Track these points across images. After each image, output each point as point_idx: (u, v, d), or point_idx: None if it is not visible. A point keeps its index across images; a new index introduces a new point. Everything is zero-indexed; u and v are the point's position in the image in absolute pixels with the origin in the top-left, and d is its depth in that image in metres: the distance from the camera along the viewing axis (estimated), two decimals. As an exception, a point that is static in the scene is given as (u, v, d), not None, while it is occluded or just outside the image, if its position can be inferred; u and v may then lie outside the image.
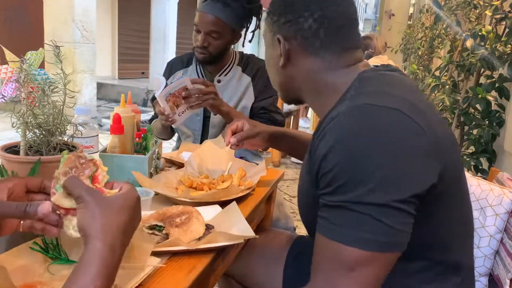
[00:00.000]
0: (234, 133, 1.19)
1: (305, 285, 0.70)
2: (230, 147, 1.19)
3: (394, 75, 0.80)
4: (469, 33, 2.37)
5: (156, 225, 0.87)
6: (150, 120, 1.83)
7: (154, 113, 1.83)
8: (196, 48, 1.63)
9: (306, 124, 6.72)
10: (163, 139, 1.80)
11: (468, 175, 1.23)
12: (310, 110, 6.22)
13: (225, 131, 1.67)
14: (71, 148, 0.95)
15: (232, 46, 1.73)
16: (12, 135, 0.93)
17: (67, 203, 0.57)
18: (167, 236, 0.86)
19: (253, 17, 1.66)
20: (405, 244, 0.65)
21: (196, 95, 1.44)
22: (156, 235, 0.86)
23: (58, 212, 0.58)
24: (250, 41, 1.71)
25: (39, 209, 0.57)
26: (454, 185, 0.74)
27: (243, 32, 1.67)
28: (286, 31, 0.83)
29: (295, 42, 0.82)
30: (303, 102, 0.94)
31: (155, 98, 1.80)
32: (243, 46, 1.76)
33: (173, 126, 1.51)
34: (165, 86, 1.44)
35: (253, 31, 1.69)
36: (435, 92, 2.70)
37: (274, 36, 0.85)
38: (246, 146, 1.21)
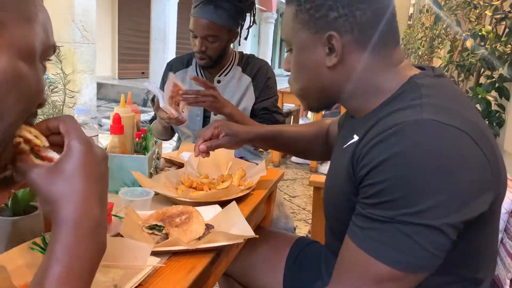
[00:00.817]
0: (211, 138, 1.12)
1: (319, 280, 0.71)
2: (197, 155, 1.11)
3: (447, 83, 0.77)
4: (469, 33, 2.37)
5: (156, 225, 0.87)
6: (150, 121, 1.83)
7: (154, 114, 1.83)
8: (196, 53, 1.64)
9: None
10: (164, 140, 1.80)
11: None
12: (310, 110, 6.21)
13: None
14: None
15: (232, 46, 1.73)
16: (12, 135, 0.93)
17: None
18: (167, 236, 0.86)
19: (247, 14, 1.66)
20: (436, 266, 0.64)
21: (193, 96, 1.45)
22: (156, 235, 0.86)
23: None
24: (245, 39, 1.70)
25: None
26: (498, 209, 0.73)
27: (239, 30, 1.67)
28: (339, 26, 0.74)
29: (350, 37, 0.74)
30: (331, 107, 0.89)
31: (152, 103, 1.81)
32: (239, 44, 1.76)
33: (185, 122, 1.51)
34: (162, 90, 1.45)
35: (248, 28, 1.69)
36: (435, 92, 2.69)
37: (317, 34, 0.76)
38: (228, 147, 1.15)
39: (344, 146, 0.81)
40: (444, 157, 0.61)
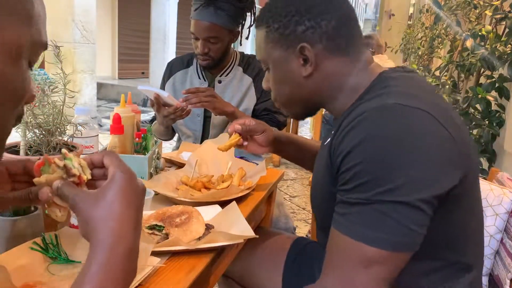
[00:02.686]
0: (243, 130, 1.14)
1: (317, 279, 0.71)
2: (232, 133, 1.12)
3: (416, 77, 0.81)
4: (469, 33, 2.37)
5: (156, 225, 0.87)
6: (151, 121, 1.83)
7: (155, 114, 1.83)
8: (198, 55, 1.64)
9: (306, 124, 6.72)
10: (165, 140, 1.80)
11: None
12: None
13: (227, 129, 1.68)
14: (71, 148, 0.95)
15: (233, 46, 1.73)
16: (12, 135, 0.93)
17: (59, 202, 0.57)
18: (167, 236, 0.86)
19: (247, 13, 1.66)
20: (419, 244, 0.66)
21: (196, 97, 1.46)
22: (156, 235, 0.86)
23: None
24: (247, 38, 1.71)
25: (40, 196, 0.57)
26: (471, 189, 0.75)
27: (240, 29, 1.68)
28: (309, 37, 0.80)
29: (320, 46, 0.80)
30: (316, 112, 0.93)
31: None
32: (240, 44, 1.76)
33: (187, 114, 1.52)
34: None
35: (249, 27, 1.69)
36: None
37: (289, 49, 0.82)
38: (247, 147, 1.16)
39: (325, 143, 0.85)
40: (409, 136, 0.65)
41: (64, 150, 0.59)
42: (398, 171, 0.63)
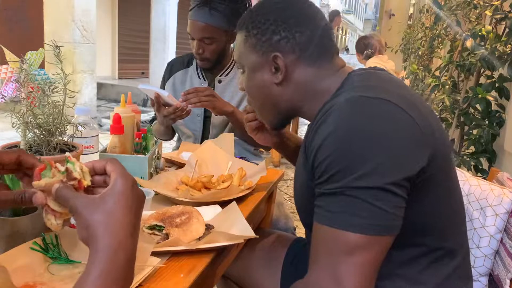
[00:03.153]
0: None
1: (305, 275, 0.71)
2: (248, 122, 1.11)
3: (382, 73, 0.85)
4: (469, 33, 2.37)
5: (156, 225, 0.87)
6: (151, 121, 1.83)
7: (155, 114, 1.83)
8: (195, 56, 1.64)
9: (306, 126, 6.72)
10: (165, 140, 1.80)
11: (468, 175, 1.23)
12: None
13: (227, 129, 1.68)
14: (71, 148, 0.95)
15: (232, 46, 1.73)
16: (12, 135, 0.93)
17: (57, 208, 0.57)
18: (167, 236, 0.86)
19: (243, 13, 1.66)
20: (399, 226, 0.68)
21: (195, 97, 1.47)
22: (156, 235, 0.86)
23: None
24: None
25: (34, 200, 0.57)
26: (443, 171, 0.77)
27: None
28: (282, 47, 0.84)
29: (293, 56, 0.84)
30: (290, 120, 0.96)
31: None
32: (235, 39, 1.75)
33: (187, 114, 1.52)
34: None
35: None
36: (435, 92, 2.70)
37: (264, 56, 0.86)
38: (257, 137, 1.14)
39: (303, 145, 0.86)
40: (372, 124, 0.68)
41: (68, 154, 0.59)
42: (366, 158, 0.66)
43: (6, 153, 0.62)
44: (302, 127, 6.34)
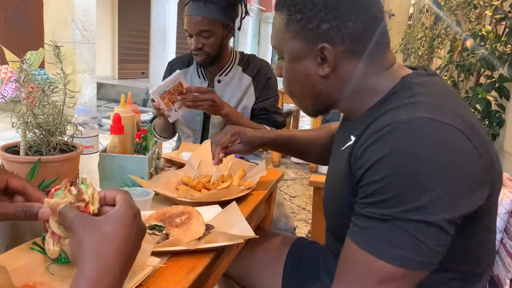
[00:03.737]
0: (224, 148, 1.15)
1: (318, 282, 0.71)
2: (217, 163, 1.15)
3: (440, 82, 0.79)
4: (469, 33, 2.37)
5: (156, 225, 0.87)
6: (151, 120, 1.83)
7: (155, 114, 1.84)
8: (193, 52, 1.64)
9: (306, 125, 6.72)
10: (165, 138, 1.81)
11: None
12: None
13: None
14: (71, 148, 0.95)
15: (232, 46, 1.73)
16: (12, 135, 0.93)
17: (56, 229, 0.57)
18: (167, 236, 0.86)
19: (239, 6, 1.66)
20: (437, 263, 0.65)
21: (192, 100, 1.48)
22: (156, 235, 0.86)
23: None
24: (239, 29, 1.71)
25: (40, 215, 0.58)
26: (494, 205, 0.74)
27: (236, 25, 1.68)
28: (331, 37, 0.74)
29: (342, 48, 0.75)
30: (329, 111, 0.90)
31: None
32: (233, 36, 1.75)
33: (170, 120, 1.55)
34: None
35: (241, 19, 1.70)
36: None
37: (309, 45, 0.76)
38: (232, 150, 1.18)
39: (342, 148, 0.81)
40: (437, 153, 0.62)
41: (85, 177, 0.60)
42: (424, 189, 0.61)
43: (14, 179, 0.63)
44: (302, 128, 6.34)
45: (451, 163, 0.62)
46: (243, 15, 1.70)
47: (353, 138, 0.77)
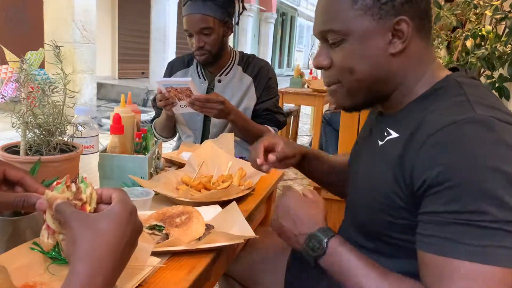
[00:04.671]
0: (266, 150, 1.00)
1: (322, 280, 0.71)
2: (265, 170, 0.99)
3: (483, 85, 0.78)
4: (469, 33, 2.37)
5: (156, 225, 0.87)
6: (151, 120, 1.83)
7: (155, 114, 1.84)
8: (195, 52, 1.65)
9: (306, 124, 6.71)
10: (165, 138, 1.81)
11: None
12: (309, 108, 6.21)
13: (227, 129, 1.68)
14: (71, 148, 0.95)
15: (232, 46, 1.73)
16: (12, 135, 0.93)
17: (50, 223, 0.57)
18: (167, 236, 0.86)
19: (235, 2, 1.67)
20: None
21: (200, 106, 1.48)
22: (156, 235, 0.86)
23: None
24: (237, 24, 1.71)
25: (37, 206, 0.58)
26: None
27: (233, 22, 1.68)
28: (407, 11, 0.72)
29: (413, 24, 0.73)
30: (372, 107, 0.87)
31: (154, 102, 1.82)
32: (232, 32, 1.76)
33: (174, 111, 1.54)
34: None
35: (239, 14, 1.70)
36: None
37: (381, 20, 0.72)
38: (280, 166, 1.03)
39: (381, 143, 0.79)
40: (508, 150, 0.61)
41: (85, 175, 0.60)
42: (503, 190, 0.60)
43: (12, 169, 0.64)
44: (302, 128, 6.34)
45: None
46: (241, 10, 1.70)
47: (393, 133, 0.76)
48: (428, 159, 0.65)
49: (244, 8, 1.72)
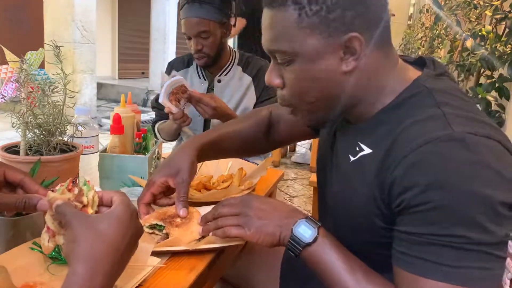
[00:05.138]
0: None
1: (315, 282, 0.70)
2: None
3: (454, 86, 0.74)
4: (469, 33, 2.38)
5: (157, 224, 0.87)
6: (153, 123, 1.83)
7: (156, 116, 1.84)
8: (194, 55, 1.65)
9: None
10: (170, 141, 1.81)
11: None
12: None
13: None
14: (71, 148, 0.95)
15: (232, 46, 1.73)
16: (12, 135, 0.93)
17: (50, 224, 0.57)
18: (167, 235, 0.86)
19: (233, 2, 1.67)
20: None
21: (196, 101, 1.49)
22: (157, 234, 0.86)
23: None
24: (234, 25, 1.71)
25: (38, 206, 0.58)
26: None
27: (232, 22, 1.68)
28: (358, 26, 0.66)
29: (366, 37, 0.68)
30: (337, 121, 0.83)
31: (155, 103, 1.82)
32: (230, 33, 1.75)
33: (185, 122, 1.54)
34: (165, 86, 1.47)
35: (236, 16, 1.70)
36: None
37: (331, 38, 0.67)
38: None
39: (354, 158, 0.75)
40: (486, 170, 0.59)
41: (88, 179, 0.60)
42: (482, 210, 0.58)
43: (12, 171, 0.65)
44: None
45: (499, 176, 0.59)
46: (238, 11, 1.70)
47: (366, 148, 0.72)
48: (404, 179, 0.62)
49: (241, 8, 1.71)
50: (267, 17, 0.71)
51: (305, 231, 0.73)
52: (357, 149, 0.74)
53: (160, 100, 1.47)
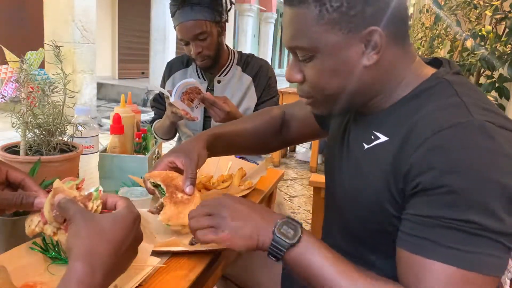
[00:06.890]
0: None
1: None
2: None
3: (470, 82, 0.76)
4: (469, 33, 2.38)
5: (160, 186, 0.86)
6: (151, 122, 1.83)
7: (155, 115, 1.84)
8: (194, 58, 1.64)
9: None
10: (166, 140, 1.81)
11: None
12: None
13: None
14: (71, 148, 0.95)
15: (232, 46, 1.73)
16: (12, 135, 0.93)
17: (47, 212, 0.58)
18: (161, 208, 0.84)
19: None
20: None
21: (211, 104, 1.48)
22: (153, 200, 0.86)
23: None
24: (226, 21, 1.70)
25: (36, 203, 0.59)
26: None
27: (226, 21, 1.68)
28: (378, 20, 0.68)
29: (387, 32, 0.69)
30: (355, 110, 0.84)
31: (154, 101, 1.81)
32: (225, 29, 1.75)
33: (196, 120, 1.54)
34: (176, 88, 1.47)
35: (227, 11, 1.70)
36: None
37: (351, 33, 0.69)
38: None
39: (368, 146, 0.76)
40: (505, 158, 0.60)
41: (101, 187, 0.61)
42: (498, 196, 0.59)
43: (13, 171, 0.66)
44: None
45: None
46: (229, 6, 1.69)
47: (382, 136, 0.73)
48: (423, 162, 0.63)
49: (232, 3, 1.70)
50: (287, 15, 0.73)
51: (287, 231, 0.69)
52: (372, 137, 0.76)
53: (171, 100, 1.47)
